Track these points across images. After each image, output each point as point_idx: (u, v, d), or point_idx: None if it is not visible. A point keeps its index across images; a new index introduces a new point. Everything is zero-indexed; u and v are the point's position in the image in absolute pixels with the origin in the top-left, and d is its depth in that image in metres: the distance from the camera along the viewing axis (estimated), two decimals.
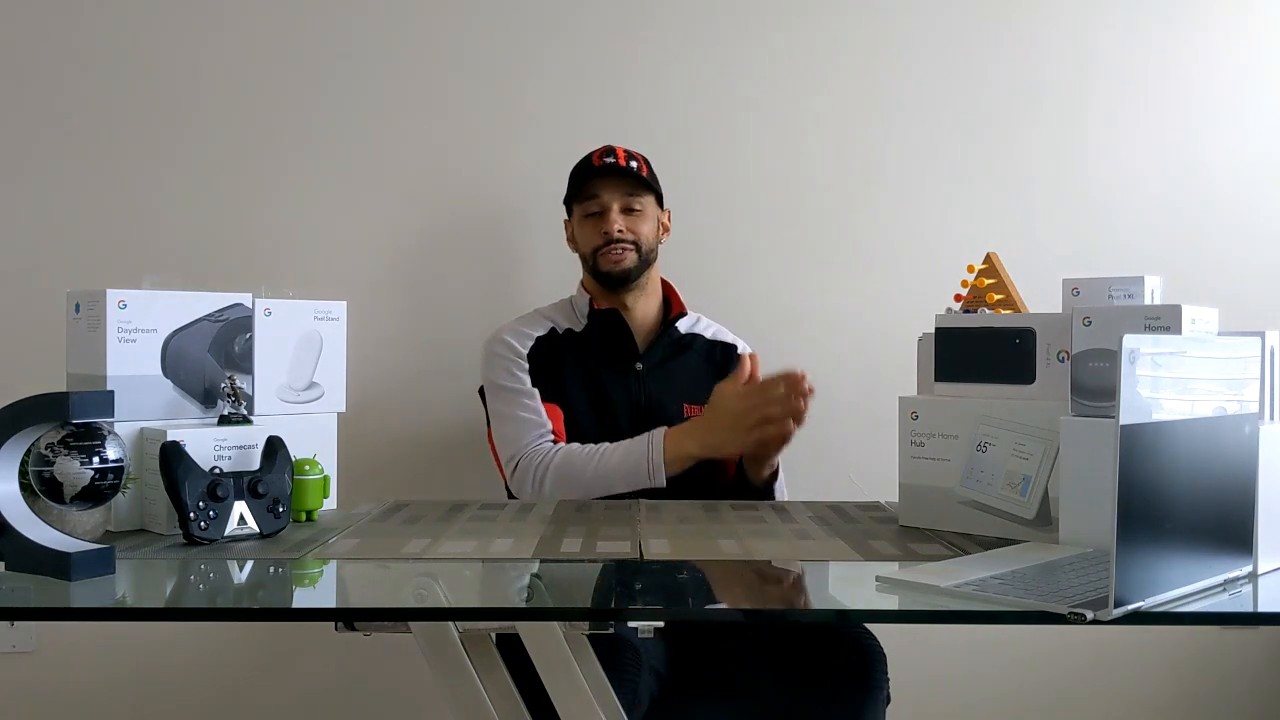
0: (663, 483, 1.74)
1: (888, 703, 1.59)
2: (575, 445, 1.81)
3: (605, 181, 1.95)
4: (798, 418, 1.69)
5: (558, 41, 2.31)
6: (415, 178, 2.31)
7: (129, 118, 2.27)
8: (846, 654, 1.59)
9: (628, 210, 1.95)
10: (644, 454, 1.75)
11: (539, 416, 1.84)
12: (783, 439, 1.73)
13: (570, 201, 2.01)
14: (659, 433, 1.77)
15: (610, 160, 1.94)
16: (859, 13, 2.33)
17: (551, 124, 2.31)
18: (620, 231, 1.92)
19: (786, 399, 1.68)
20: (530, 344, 1.93)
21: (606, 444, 1.80)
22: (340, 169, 2.30)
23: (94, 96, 2.27)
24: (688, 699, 1.66)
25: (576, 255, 2.03)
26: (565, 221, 2.06)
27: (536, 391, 1.87)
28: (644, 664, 1.56)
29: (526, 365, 1.90)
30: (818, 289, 2.32)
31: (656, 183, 1.99)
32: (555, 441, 1.83)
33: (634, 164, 1.95)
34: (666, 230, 2.03)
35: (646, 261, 1.96)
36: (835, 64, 2.33)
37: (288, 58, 2.29)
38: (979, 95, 2.34)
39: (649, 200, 1.97)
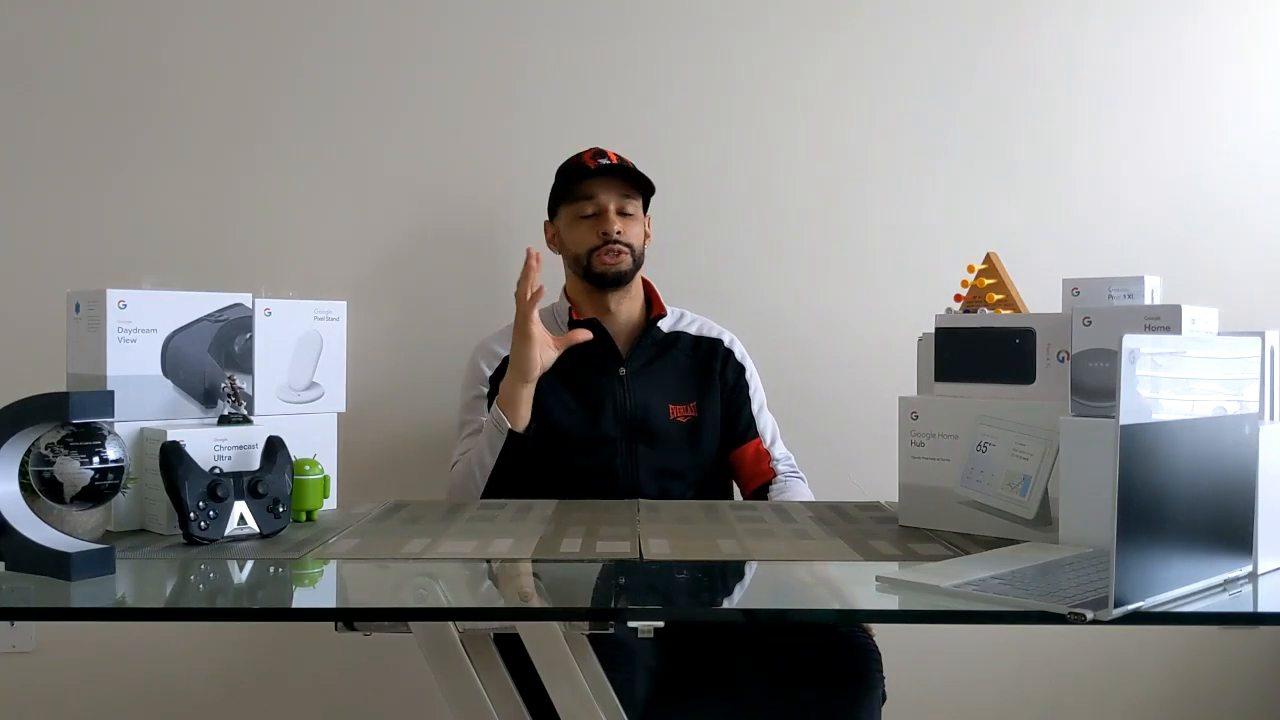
0: (506, 426, 1.77)
1: (883, 701, 1.59)
2: (459, 460, 1.87)
3: (602, 182, 1.92)
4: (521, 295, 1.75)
5: (556, 44, 2.31)
6: (416, 178, 2.31)
7: (129, 118, 2.27)
8: (841, 653, 1.59)
9: (621, 213, 1.93)
10: (492, 418, 1.79)
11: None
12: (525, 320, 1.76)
13: (558, 203, 1.97)
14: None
15: (604, 161, 1.92)
16: (859, 14, 2.33)
17: (551, 126, 2.30)
18: (619, 233, 1.91)
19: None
20: (497, 364, 1.92)
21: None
22: (341, 169, 2.30)
23: (94, 97, 2.27)
24: (683, 697, 1.65)
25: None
26: (546, 224, 2.02)
27: (481, 422, 1.87)
28: (638, 663, 1.56)
29: (486, 390, 1.91)
30: (817, 289, 2.32)
31: (649, 180, 1.95)
32: None
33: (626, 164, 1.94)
34: (648, 236, 2.00)
35: (637, 265, 1.95)
36: (835, 64, 2.33)
37: (288, 58, 2.29)
38: (979, 95, 2.34)
39: (639, 205, 1.96)
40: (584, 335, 1.83)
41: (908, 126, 2.33)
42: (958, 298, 1.51)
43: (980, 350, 1.39)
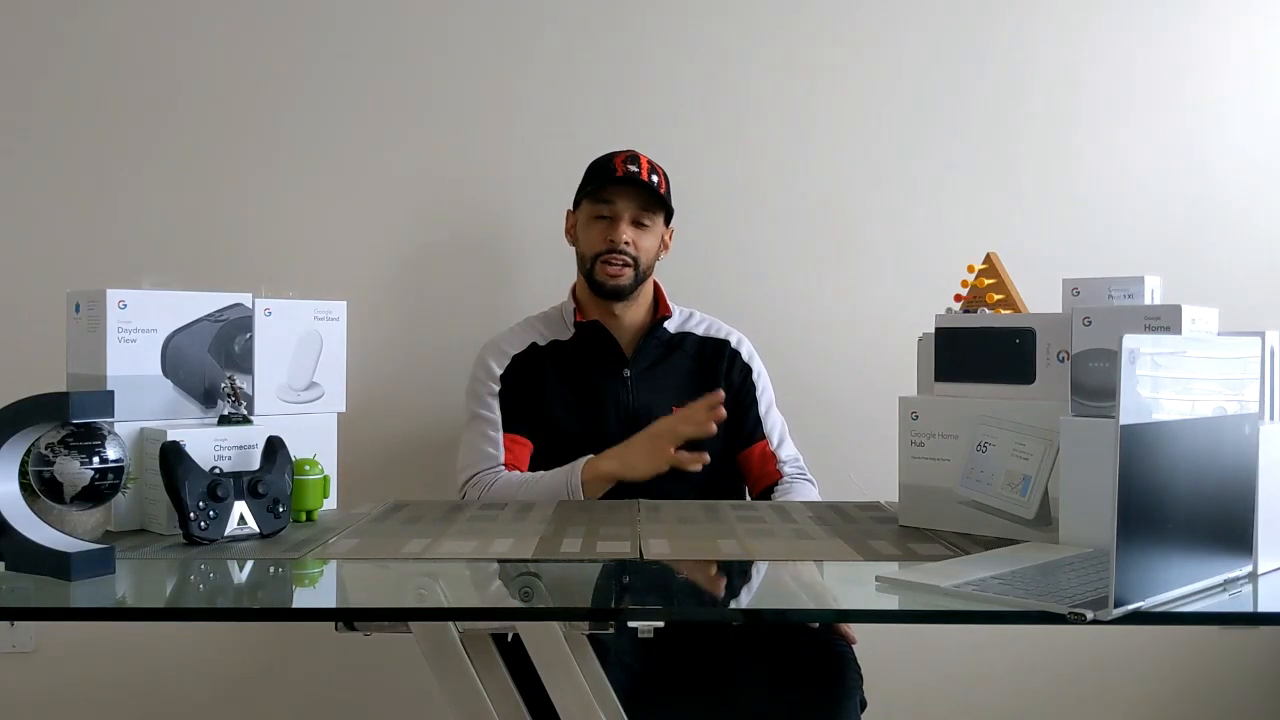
0: (579, 496, 1.76)
1: (863, 708, 1.59)
2: (515, 474, 1.84)
3: (623, 190, 1.91)
4: (701, 431, 1.72)
5: (558, 44, 2.31)
6: (416, 178, 2.31)
7: (129, 118, 2.27)
8: (819, 660, 1.59)
9: (636, 223, 1.92)
10: (566, 476, 1.78)
11: (495, 449, 1.87)
12: (693, 460, 1.73)
13: (581, 197, 1.97)
14: (584, 458, 1.79)
15: (634, 169, 1.91)
16: (861, 15, 2.33)
17: (552, 126, 2.30)
18: (627, 243, 1.90)
19: (696, 416, 1.72)
20: (507, 363, 1.93)
21: (543, 471, 1.82)
22: (341, 169, 2.30)
23: (94, 97, 2.27)
24: (659, 693, 1.65)
25: (573, 251, 2.01)
26: (569, 213, 2.02)
27: (500, 420, 1.88)
28: (610, 659, 1.56)
29: (498, 388, 1.91)
30: (817, 289, 2.32)
31: (670, 201, 1.95)
32: (507, 469, 1.85)
33: (655, 178, 1.92)
34: (666, 248, 2.00)
35: (642, 279, 1.94)
36: (837, 65, 2.33)
37: (288, 59, 2.29)
38: (979, 95, 2.34)
39: (659, 217, 1.95)
40: (701, 461, 1.74)
41: (908, 127, 2.33)
42: (958, 298, 1.51)
43: (980, 350, 1.39)
